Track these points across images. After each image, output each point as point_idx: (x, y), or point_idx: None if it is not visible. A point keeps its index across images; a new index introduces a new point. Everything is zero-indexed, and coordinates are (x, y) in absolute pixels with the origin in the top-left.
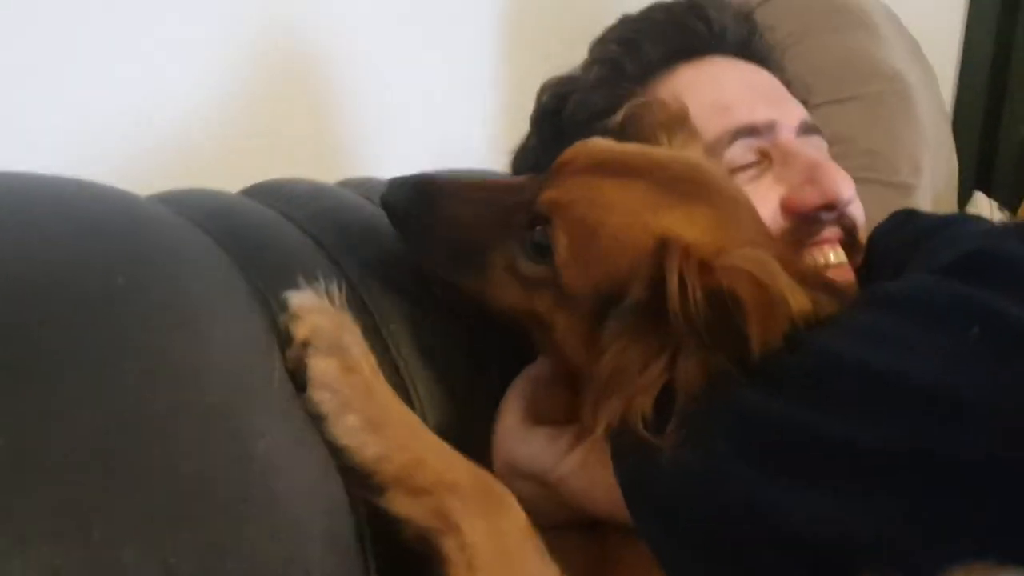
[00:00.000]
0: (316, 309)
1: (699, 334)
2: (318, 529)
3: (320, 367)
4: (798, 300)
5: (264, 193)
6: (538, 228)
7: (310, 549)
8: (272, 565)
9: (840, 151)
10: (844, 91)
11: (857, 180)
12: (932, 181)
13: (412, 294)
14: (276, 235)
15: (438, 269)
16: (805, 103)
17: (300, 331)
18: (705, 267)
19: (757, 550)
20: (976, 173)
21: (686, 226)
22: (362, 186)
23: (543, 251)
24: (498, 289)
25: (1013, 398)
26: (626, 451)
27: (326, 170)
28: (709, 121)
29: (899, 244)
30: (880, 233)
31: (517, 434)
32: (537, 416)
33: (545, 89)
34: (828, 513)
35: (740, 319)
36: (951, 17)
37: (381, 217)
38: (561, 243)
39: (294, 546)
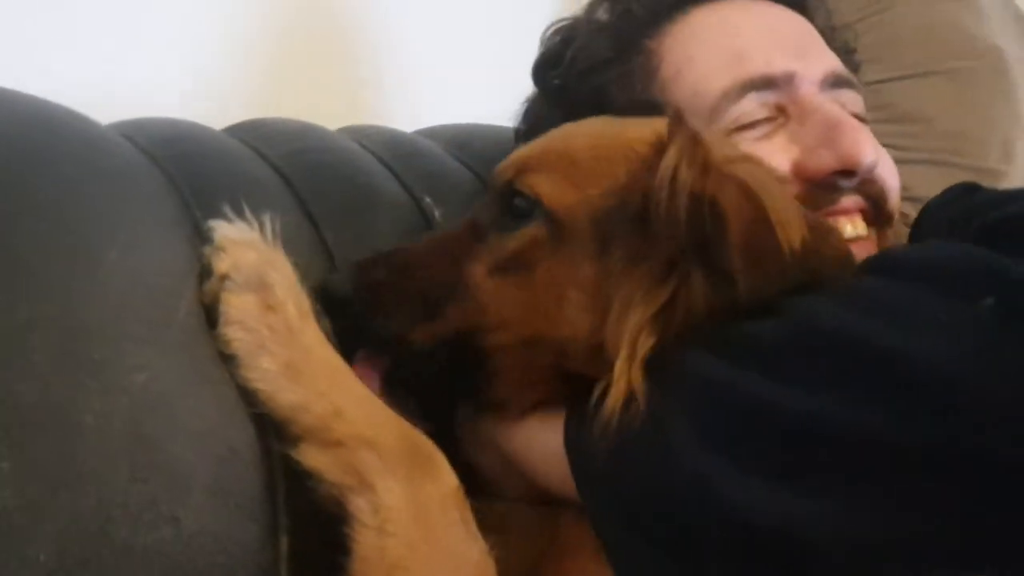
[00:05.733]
0: (243, 243)
1: (682, 244)
2: (201, 475)
3: (234, 302)
4: (794, 231)
5: (245, 130)
6: (514, 200)
7: (184, 495)
8: (129, 506)
9: (915, 130)
10: (927, 64)
11: (934, 163)
12: None
13: (381, 241)
14: (236, 168)
15: (408, 332)
16: (849, 53)
17: (220, 264)
18: (705, 165)
19: (715, 548)
20: None
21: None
22: (359, 132)
23: (527, 211)
24: (490, 299)
25: (1015, 387)
26: (578, 417)
27: (338, 116)
28: (718, 72)
29: (951, 219)
30: (932, 207)
31: None
32: None
33: (547, 34)
34: (799, 511)
35: (721, 237)
36: None
37: (365, 163)
38: (541, 180)
39: (160, 489)
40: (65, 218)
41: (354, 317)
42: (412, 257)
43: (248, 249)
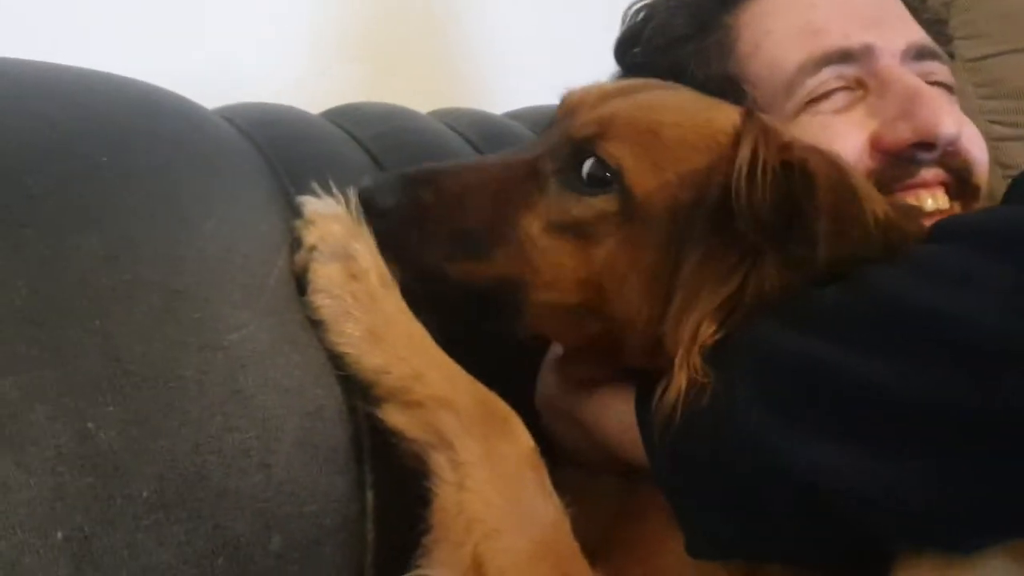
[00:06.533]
0: (330, 217)
1: (764, 226)
2: (290, 428)
3: (321, 272)
4: (876, 203)
5: (340, 113)
6: (588, 160)
7: (274, 445)
8: (223, 452)
9: (1018, 106)
10: None
11: None
12: None
13: None
14: (328, 149)
15: (446, 263)
16: (939, 24)
17: (309, 237)
18: (784, 145)
19: (774, 506)
20: None
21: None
22: (447, 114)
23: (602, 179)
24: (543, 257)
25: None
26: (647, 392)
27: (441, 100)
28: (793, 47)
29: None
30: (1021, 180)
31: (553, 369)
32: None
33: (629, 12)
34: (855, 471)
35: (810, 200)
36: None
37: (450, 143)
38: (625, 153)
39: (254, 439)
40: (167, 192)
41: (392, 231)
42: (464, 186)
43: (335, 223)
